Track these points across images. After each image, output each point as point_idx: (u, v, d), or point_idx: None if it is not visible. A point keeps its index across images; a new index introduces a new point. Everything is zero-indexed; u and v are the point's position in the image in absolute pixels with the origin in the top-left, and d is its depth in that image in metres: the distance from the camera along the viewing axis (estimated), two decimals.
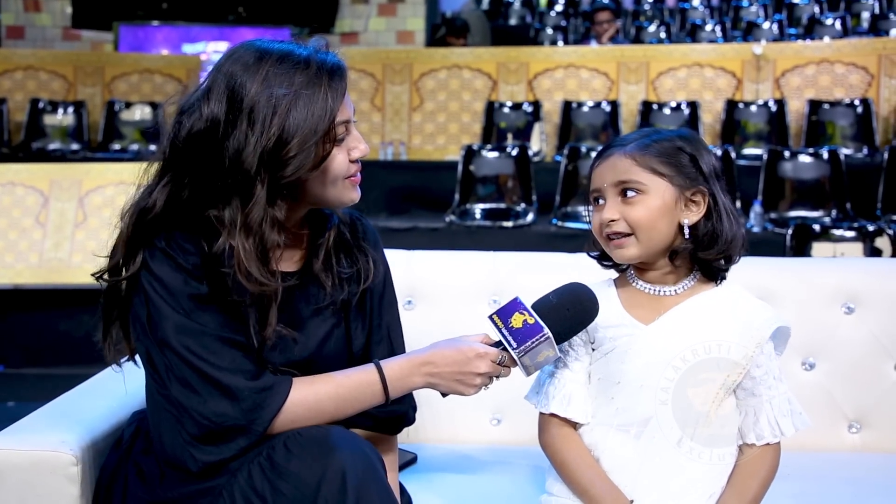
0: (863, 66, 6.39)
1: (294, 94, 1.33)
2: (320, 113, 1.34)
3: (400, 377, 1.40)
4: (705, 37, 8.20)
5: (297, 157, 1.33)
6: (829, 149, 5.64)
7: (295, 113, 1.33)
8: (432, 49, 7.54)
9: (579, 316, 1.41)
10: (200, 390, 1.32)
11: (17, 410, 2.41)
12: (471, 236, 5.44)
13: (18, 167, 5.22)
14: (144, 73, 7.36)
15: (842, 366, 1.98)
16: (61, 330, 4.56)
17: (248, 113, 1.33)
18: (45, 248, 4.81)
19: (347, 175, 1.41)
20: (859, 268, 2.14)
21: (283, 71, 1.34)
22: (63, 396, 1.72)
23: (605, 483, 1.43)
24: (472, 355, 1.39)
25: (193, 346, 1.33)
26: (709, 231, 1.45)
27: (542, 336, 1.37)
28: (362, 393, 1.39)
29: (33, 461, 1.45)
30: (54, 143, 7.04)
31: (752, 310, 1.47)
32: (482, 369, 1.38)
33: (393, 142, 6.81)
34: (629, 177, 1.44)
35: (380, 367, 1.40)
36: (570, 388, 1.48)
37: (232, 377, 1.32)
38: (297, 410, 1.36)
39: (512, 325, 1.39)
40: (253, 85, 1.34)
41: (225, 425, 1.32)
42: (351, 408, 1.40)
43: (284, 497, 1.29)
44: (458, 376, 1.39)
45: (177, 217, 1.37)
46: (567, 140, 6.51)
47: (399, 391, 1.41)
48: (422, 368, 1.40)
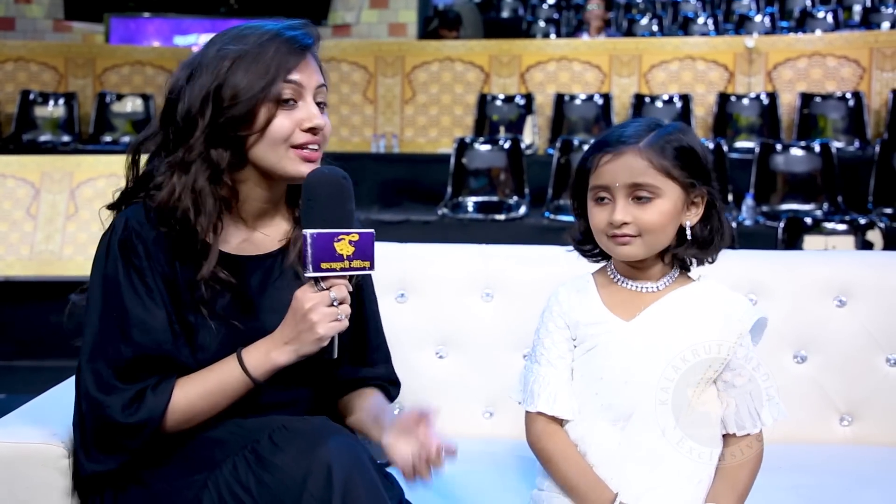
0: (854, 60, 6.41)
1: (241, 51, 1.40)
2: (263, 71, 1.40)
3: (260, 361, 1.41)
4: (697, 30, 8.20)
5: (233, 108, 1.39)
6: (820, 142, 5.66)
7: (239, 68, 1.39)
8: (424, 42, 7.53)
9: (324, 192, 1.37)
10: (89, 407, 1.38)
11: (8, 403, 2.40)
12: (463, 229, 5.44)
13: (9, 159, 5.20)
14: (136, 65, 7.33)
15: (833, 359, 1.99)
16: (52, 322, 4.53)
17: (197, 68, 1.42)
18: (36, 240, 4.79)
19: (293, 143, 1.43)
20: (851, 261, 2.14)
21: (240, 33, 1.43)
22: (54, 389, 1.72)
23: (590, 478, 1.43)
24: (295, 303, 1.38)
25: (87, 369, 1.38)
26: (706, 232, 1.44)
27: (309, 238, 1.33)
28: (229, 385, 1.41)
29: (24, 454, 1.45)
30: (45, 135, 7.01)
31: (731, 303, 1.46)
32: (307, 305, 1.36)
33: (385, 134, 6.80)
34: (645, 180, 1.40)
35: (240, 355, 1.42)
36: (556, 385, 1.47)
37: (113, 404, 1.36)
38: (173, 418, 1.39)
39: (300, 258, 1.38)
40: (210, 50, 1.43)
41: (105, 441, 1.38)
42: (224, 402, 1.42)
43: (270, 490, 1.28)
44: (298, 326, 1.38)
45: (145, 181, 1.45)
46: (559, 133, 6.51)
47: (266, 373, 1.41)
48: (276, 343, 1.40)
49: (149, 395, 1.38)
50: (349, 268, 1.37)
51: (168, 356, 1.40)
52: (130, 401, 1.37)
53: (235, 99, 1.38)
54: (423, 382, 1.98)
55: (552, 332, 1.49)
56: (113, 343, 1.38)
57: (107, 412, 1.36)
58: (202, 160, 1.40)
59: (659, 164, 1.40)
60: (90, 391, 1.38)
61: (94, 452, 1.39)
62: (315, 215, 1.35)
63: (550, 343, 1.49)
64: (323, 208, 1.36)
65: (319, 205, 1.36)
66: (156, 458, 1.40)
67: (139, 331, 1.38)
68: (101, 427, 1.38)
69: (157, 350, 1.39)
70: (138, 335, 1.38)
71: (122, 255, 1.40)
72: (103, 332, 1.39)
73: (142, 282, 1.39)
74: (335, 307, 1.37)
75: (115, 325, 1.38)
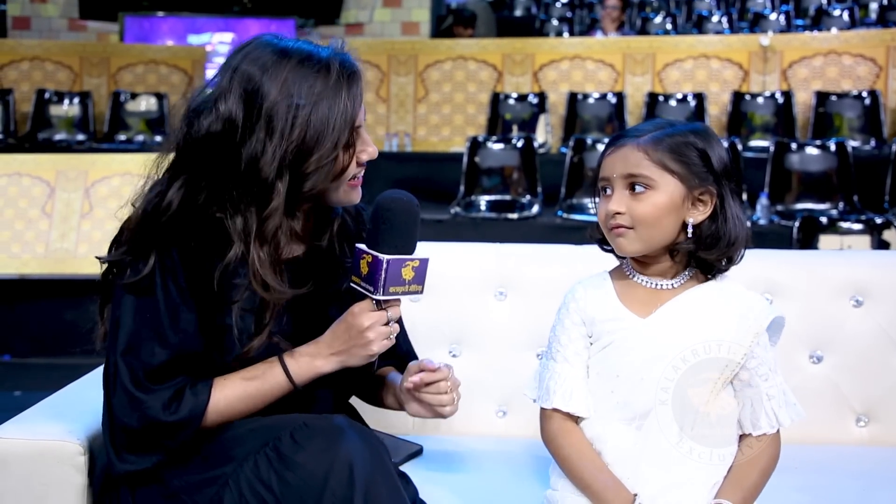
0: (871, 58, 6.37)
1: (314, 104, 1.34)
2: (341, 124, 1.36)
3: (304, 367, 1.43)
4: (712, 28, 8.17)
5: (317, 171, 1.35)
6: (836, 141, 5.62)
7: (315, 123, 1.34)
8: (437, 40, 7.53)
9: (399, 219, 1.39)
10: (123, 405, 1.35)
11: (24, 400, 2.41)
12: (476, 228, 5.43)
13: (25, 158, 5.23)
14: (150, 64, 7.36)
15: (849, 359, 1.98)
16: (67, 320, 4.57)
17: (266, 120, 1.33)
18: (51, 238, 4.82)
19: (350, 177, 1.43)
20: (867, 260, 2.13)
21: (303, 76, 1.35)
22: (69, 386, 1.72)
23: (607, 477, 1.42)
24: (352, 318, 1.40)
25: (123, 366, 1.36)
26: (712, 232, 1.43)
27: (385, 264, 1.37)
28: (270, 388, 1.42)
29: (40, 451, 1.46)
30: (60, 133, 7.05)
31: (747, 302, 1.46)
32: (366, 323, 1.39)
33: (398, 133, 6.80)
34: (639, 171, 1.42)
35: (282, 360, 1.43)
36: (571, 382, 1.47)
37: (151, 401, 1.35)
38: (211, 419, 1.39)
39: (363, 274, 1.40)
40: (272, 89, 1.34)
41: (140, 440, 1.36)
42: (262, 403, 1.43)
43: (291, 488, 1.28)
44: (353, 341, 1.41)
45: (190, 220, 1.38)
46: (572, 132, 6.50)
47: (307, 379, 1.43)
48: (321, 352, 1.43)
49: (188, 394, 1.38)
50: (407, 291, 1.41)
51: (201, 358, 1.40)
52: (170, 400, 1.36)
53: (318, 163, 1.35)
54: None
55: (568, 328, 1.49)
56: (147, 343, 1.37)
57: (148, 411, 1.35)
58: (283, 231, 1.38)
59: (654, 156, 1.42)
60: (129, 388, 1.36)
61: (127, 452, 1.37)
62: (387, 240, 1.38)
63: (567, 340, 1.48)
64: (397, 234, 1.39)
65: (394, 231, 1.39)
66: (175, 455, 1.40)
67: (173, 332, 1.37)
68: (141, 426, 1.36)
69: (190, 351, 1.39)
70: (173, 336, 1.37)
71: (156, 256, 1.38)
72: (137, 332, 1.37)
73: (174, 283, 1.38)
74: (389, 327, 1.41)
75: (150, 325, 1.37)
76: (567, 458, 1.46)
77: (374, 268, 1.38)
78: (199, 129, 1.36)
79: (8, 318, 4.71)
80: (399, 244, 1.39)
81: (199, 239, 1.38)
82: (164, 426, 1.36)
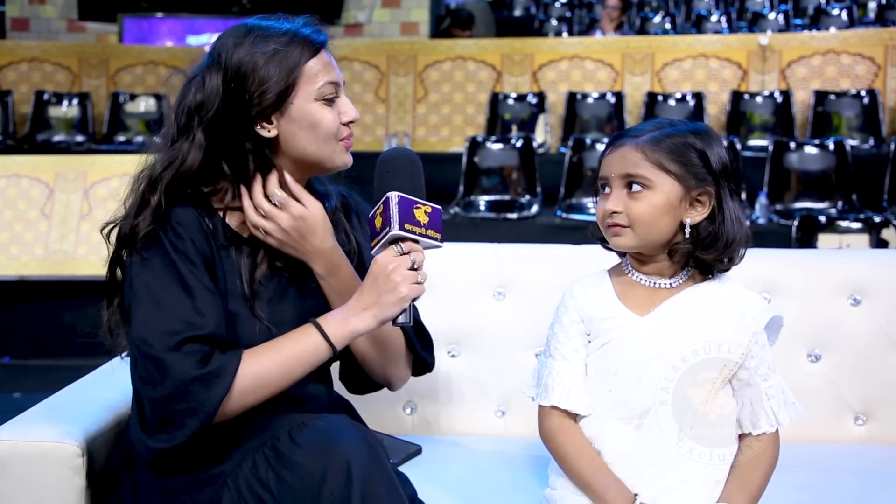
0: (869, 57, 6.37)
1: (272, 52, 1.44)
2: (291, 63, 1.45)
3: (340, 326, 1.42)
4: (711, 27, 8.17)
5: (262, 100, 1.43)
6: (835, 140, 5.62)
7: (270, 64, 1.44)
8: (437, 40, 7.52)
9: (402, 164, 1.43)
10: (152, 377, 1.34)
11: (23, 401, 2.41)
12: (475, 228, 5.43)
13: (24, 159, 5.23)
14: (149, 65, 7.36)
15: (848, 357, 1.98)
16: (66, 321, 4.57)
17: (234, 74, 1.44)
18: (50, 239, 4.82)
19: (340, 136, 1.49)
20: (865, 259, 2.13)
21: (266, 35, 1.47)
22: (68, 388, 1.72)
23: (607, 476, 1.42)
24: (375, 266, 1.41)
25: (149, 336, 1.35)
26: (710, 233, 1.44)
27: (395, 198, 1.38)
28: (307, 352, 1.42)
29: (38, 452, 1.46)
30: (59, 134, 7.05)
31: (745, 301, 1.46)
32: (390, 266, 1.40)
33: (397, 133, 6.80)
34: (636, 171, 1.43)
35: (317, 322, 1.43)
36: (570, 379, 1.47)
37: (180, 362, 1.33)
38: (245, 384, 1.37)
39: (377, 230, 1.41)
40: (240, 50, 1.46)
41: (173, 409, 1.33)
42: (299, 370, 1.42)
43: (289, 487, 1.29)
44: (380, 289, 1.41)
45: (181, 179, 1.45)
46: (572, 132, 6.50)
47: (344, 339, 1.43)
48: (353, 310, 1.43)
49: (217, 355, 1.36)
50: (425, 235, 1.42)
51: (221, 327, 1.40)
52: (199, 361, 1.34)
53: (266, 92, 1.43)
54: (435, 381, 1.98)
55: (567, 326, 1.49)
56: (168, 312, 1.36)
57: (177, 370, 1.32)
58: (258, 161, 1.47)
59: (652, 156, 1.42)
60: (155, 355, 1.33)
61: (158, 429, 1.34)
62: (395, 184, 1.41)
63: (565, 337, 1.49)
64: (403, 179, 1.42)
65: (400, 176, 1.42)
66: (172, 455, 1.40)
67: (192, 299, 1.38)
68: (172, 388, 1.32)
69: (212, 316, 1.38)
70: (192, 302, 1.37)
71: (169, 241, 1.41)
72: (157, 302, 1.37)
73: (184, 252, 1.40)
74: (415, 270, 1.41)
75: (168, 294, 1.37)
76: (566, 456, 1.46)
77: (386, 210, 1.38)
78: (186, 102, 1.47)
79: (7, 320, 4.71)
80: (406, 187, 1.41)
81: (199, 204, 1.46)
82: (196, 382, 1.33)
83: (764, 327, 1.44)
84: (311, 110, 1.46)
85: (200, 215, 1.45)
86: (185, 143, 1.45)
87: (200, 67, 1.49)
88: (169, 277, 1.38)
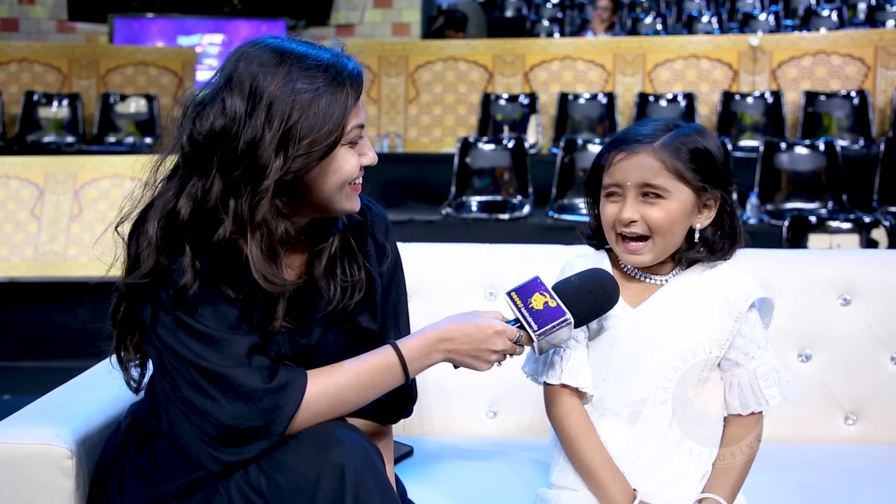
0: (859, 58, 6.39)
1: (315, 93, 1.30)
2: (339, 112, 1.32)
3: (418, 356, 1.38)
4: (702, 28, 8.19)
5: (309, 154, 1.30)
6: (825, 140, 5.64)
7: (315, 109, 1.30)
8: (428, 41, 7.52)
9: (600, 301, 1.40)
10: (214, 394, 1.29)
11: (13, 403, 2.40)
12: (467, 229, 5.43)
13: (13, 160, 5.20)
14: (139, 66, 7.34)
15: (838, 357, 1.98)
16: (57, 323, 4.56)
17: (266, 106, 1.30)
18: (40, 241, 4.80)
19: (354, 181, 1.39)
20: (855, 259, 2.14)
21: (305, 68, 1.32)
22: (58, 390, 1.71)
23: (612, 469, 1.42)
24: (491, 332, 1.38)
25: (203, 351, 1.30)
26: (717, 236, 1.44)
27: (564, 321, 1.36)
28: (382, 377, 1.37)
29: (28, 455, 1.45)
30: (49, 135, 7.02)
31: (733, 281, 1.47)
32: (499, 346, 1.38)
33: (389, 134, 6.79)
34: (657, 181, 1.41)
35: (397, 347, 1.38)
36: (577, 358, 1.46)
37: (247, 378, 1.29)
38: (320, 405, 1.33)
39: (532, 306, 1.38)
40: (274, 80, 1.31)
41: (243, 427, 1.29)
42: (372, 393, 1.38)
43: (282, 491, 1.28)
44: (475, 352, 1.38)
45: (201, 219, 1.33)
46: (563, 132, 6.50)
47: (418, 369, 1.39)
48: (439, 345, 1.39)
49: (282, 370, 1.32)
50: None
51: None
52: (267, 375, 1.30)
53: (310, 146, 1.30)
54: (427, 382, 1.98)
55: None
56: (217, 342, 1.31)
57: (243, 382, 1.28)
58: (273, 213, 1.32)
59: (672, 166, 1.40)
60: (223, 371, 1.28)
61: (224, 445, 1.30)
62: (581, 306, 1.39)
63: None
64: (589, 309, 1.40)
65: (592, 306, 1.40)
66: (160, 458, 1.39)
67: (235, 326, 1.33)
68: (239, 406, 1.28)
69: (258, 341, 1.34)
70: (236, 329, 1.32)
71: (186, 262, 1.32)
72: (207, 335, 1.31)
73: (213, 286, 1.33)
74: (506, 357, 1.40)
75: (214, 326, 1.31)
76: (575, 439, 1.44)
77: (552, 314, 1.36)
78: (203, 127, 1.32)
79: None
80: (581, 313, 1.39)
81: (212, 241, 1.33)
82: (265, 395, 1.28)
83: (754, 308, 1.45)
84: (338, 155, 1.34)
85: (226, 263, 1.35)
86: (202, 181, 1.32)
87: (213, 89, 1.35)
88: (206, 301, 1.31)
